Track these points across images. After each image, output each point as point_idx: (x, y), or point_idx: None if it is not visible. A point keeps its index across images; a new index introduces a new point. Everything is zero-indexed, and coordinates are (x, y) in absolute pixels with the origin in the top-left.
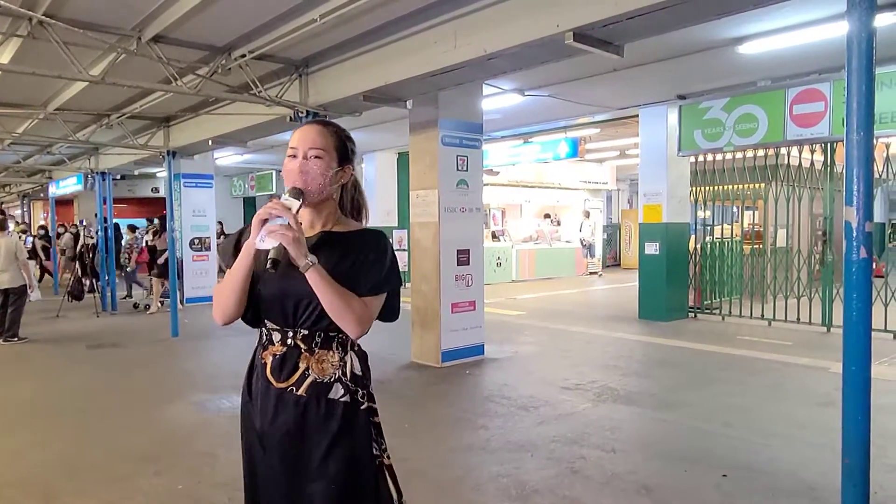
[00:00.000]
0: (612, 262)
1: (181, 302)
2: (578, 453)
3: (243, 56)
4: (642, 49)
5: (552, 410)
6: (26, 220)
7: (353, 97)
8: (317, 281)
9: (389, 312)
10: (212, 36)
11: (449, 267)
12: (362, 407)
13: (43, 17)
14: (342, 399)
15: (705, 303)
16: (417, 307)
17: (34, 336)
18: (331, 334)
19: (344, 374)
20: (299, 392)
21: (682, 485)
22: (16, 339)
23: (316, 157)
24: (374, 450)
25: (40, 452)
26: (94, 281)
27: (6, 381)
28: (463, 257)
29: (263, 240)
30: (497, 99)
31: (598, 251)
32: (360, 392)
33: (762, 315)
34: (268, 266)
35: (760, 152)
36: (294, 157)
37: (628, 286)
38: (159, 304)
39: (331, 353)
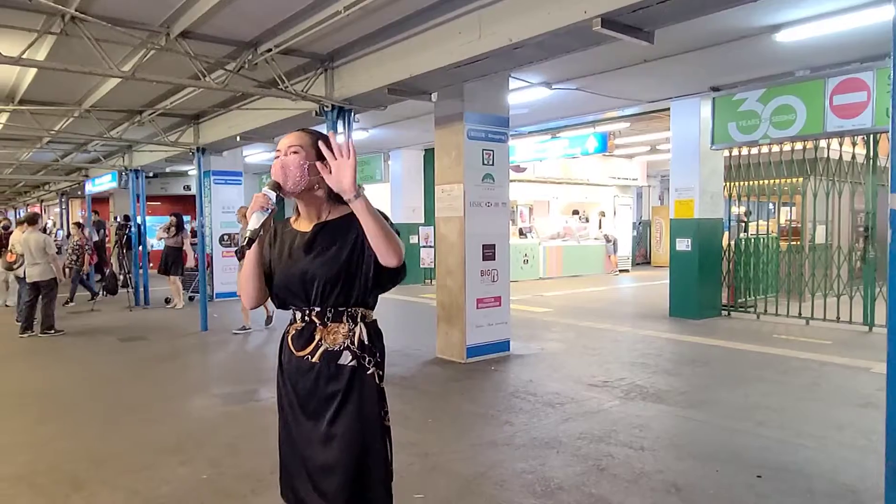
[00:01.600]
0: (643, 259)
1: (211, 297)
2: (605, 451)
3: (269, 51)
4: (673, 39)
5: (578, 407)
6: (66, 218)
7: (377, 90)
8: (362, 211)
9: (399, 271)
10: (238, 31)
11: (474, 262)
12: (368, 371)
13: (75, 13)
14: (350, 364)
15: (739, 301)
16: (442, 302)
17: (69, 329)
18: (339, 309)
19: (352, 342)
20: (314, 359)
21: (714, 485)
22: (52, 331)
23: (293, 152)
24: (380, 411)
25: (70, 441)
26: (127, 276)
27: (41, 371)
28: (488, 252)
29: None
30: (524, 93)
31: (625, 248)
32: (368, 358)
33: (800, 313)
34: (244, 245)
35: (798, 145)
36: (278, 157)
37: (658, 284)
38: (187, 300)
39: (341, 325)
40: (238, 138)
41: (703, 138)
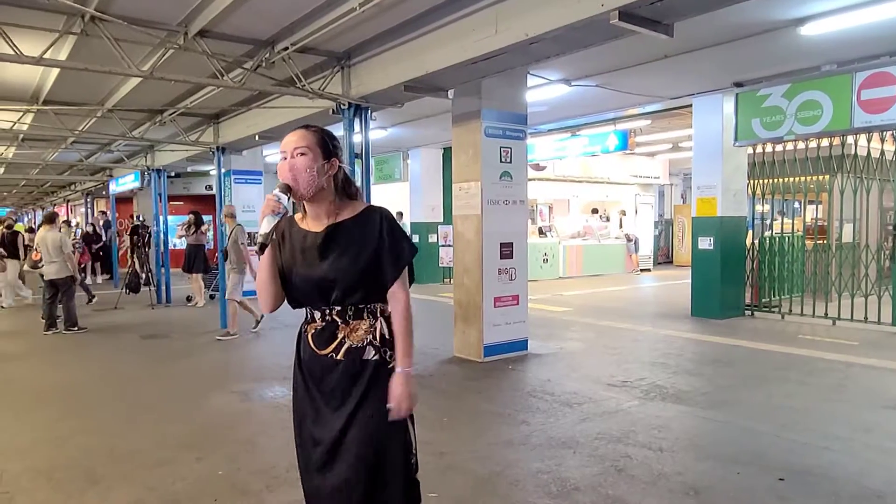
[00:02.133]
0: (665, 258)
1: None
2: (623, 452)
3: (286, 49)
4: (695, 33)
5: (596, 407)
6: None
7: (393, 88)
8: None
9: (410, 277)
10: (255, 29)
11: (491, 260)
12: (389, 365)
13: (94, 13)
14: (373, 359)
15: (763, 300)
16: (459, 301)
17: (93, 326)
18: (360, 306)
19: (374, 338)
20: (338, 357)
21: (734, 487)
22: (75, 328)
23: (301, 154)
24: None
25: (89, 438)
26: (149, 274)
27: (63, 368)
28: (506, 251)
29: (260, 226)
30: (543, 90)
31: (647, 248)
32: (389, 352)
33: (826, 314)
34: (256, 250)
35: (825, 142)
36: (284, 158)
37: (680, 283)
38: (208, 298)
39: (363, 321)
40: (256, 137)
41: (726, 135)
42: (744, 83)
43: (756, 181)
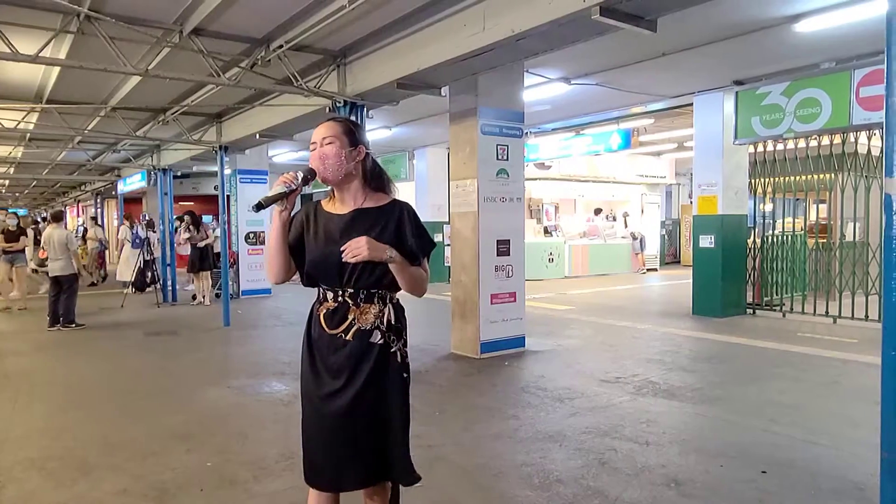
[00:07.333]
0: (672, 258)
1: (237, 294)
2: (609, 445)
3: (280, 47)
4: (691, 31)
5: (587, 402)
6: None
7: (387, 85)
8: (397, 269)
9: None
10: (249, 27)
11: (488, 257)
12: (392, 350)
13: (88, 12)
14: (378, 342)
15: (766, 299)
16: (457, 297)
17: (98, 324)
18: (371, 291)
19: (382, 322)
20: (347, 337)
21: (716, 480)
22: (73, 325)
23: (329, 143)
24: (403, 382)
25: (85, 429)
26: (155, 273)
27: (65, 363)
28: (503, 248)
29: (271, 188)
30: (544, 88)
31: (653, 247)
32: (393, 338)
33: (827, 312)
34: (252, 208)
35: (826, 140)
36: (314, 149)
37: (685, 282)
38: (214, 297)
39: (372, 306)
40: (257, 136)
41: (726, 133)
42: (744, 81)
43: (758, 180)
